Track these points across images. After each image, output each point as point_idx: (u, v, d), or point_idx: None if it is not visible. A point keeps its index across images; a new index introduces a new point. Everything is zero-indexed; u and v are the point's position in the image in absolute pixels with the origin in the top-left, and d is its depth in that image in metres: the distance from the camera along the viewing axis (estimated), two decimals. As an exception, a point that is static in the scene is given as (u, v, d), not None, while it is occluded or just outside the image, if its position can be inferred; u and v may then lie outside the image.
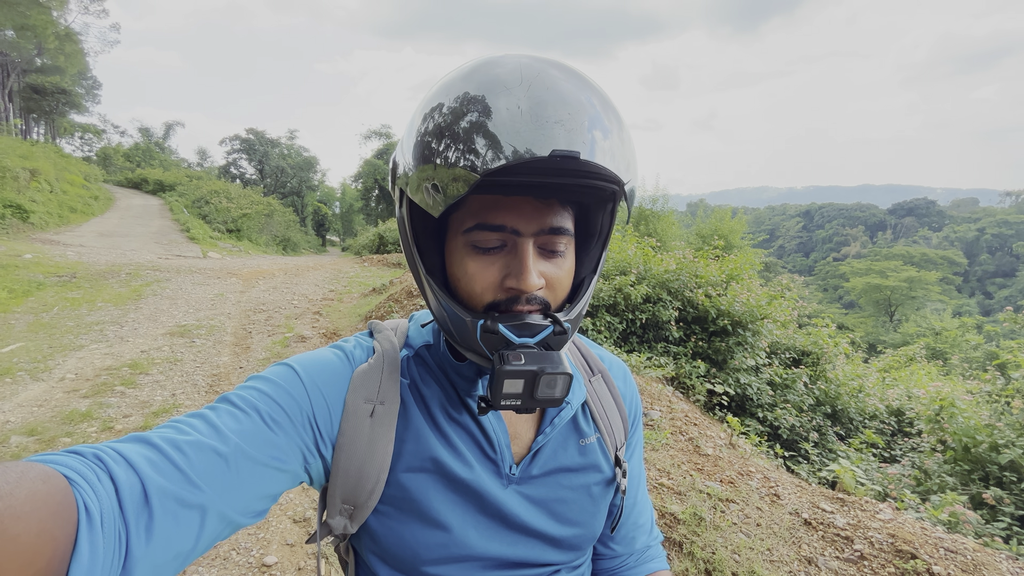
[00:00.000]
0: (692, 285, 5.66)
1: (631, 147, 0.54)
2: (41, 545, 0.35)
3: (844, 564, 2.16)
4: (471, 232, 0.55)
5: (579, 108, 0.49)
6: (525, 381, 0.52)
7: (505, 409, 0.53)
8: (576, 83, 0.51)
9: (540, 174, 0.48)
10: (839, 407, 5.51)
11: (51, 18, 27.38)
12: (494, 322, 0.54)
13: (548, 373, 0.52)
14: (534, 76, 0.49)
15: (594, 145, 0.48)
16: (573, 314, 0.58)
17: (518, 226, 0.54)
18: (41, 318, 6.03)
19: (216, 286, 8.81)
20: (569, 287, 0.60)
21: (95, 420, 3.64)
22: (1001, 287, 74.39)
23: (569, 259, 0.59)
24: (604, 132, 0.50)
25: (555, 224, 0.56)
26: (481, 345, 0.55)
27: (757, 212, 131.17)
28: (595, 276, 0.63)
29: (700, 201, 38.46)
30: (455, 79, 0.52)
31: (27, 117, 32.16)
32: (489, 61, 0.52)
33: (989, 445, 3.48)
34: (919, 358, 10.65)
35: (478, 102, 0.48)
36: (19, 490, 0.35)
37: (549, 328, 0.55)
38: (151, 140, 44.67)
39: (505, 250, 0.56)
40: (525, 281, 0.53)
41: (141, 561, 0.42)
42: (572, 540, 0.67)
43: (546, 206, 0.55)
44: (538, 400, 0.53)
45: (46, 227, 14.13)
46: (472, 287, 0.56)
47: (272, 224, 25.20)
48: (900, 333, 28.26)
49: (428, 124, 0.51)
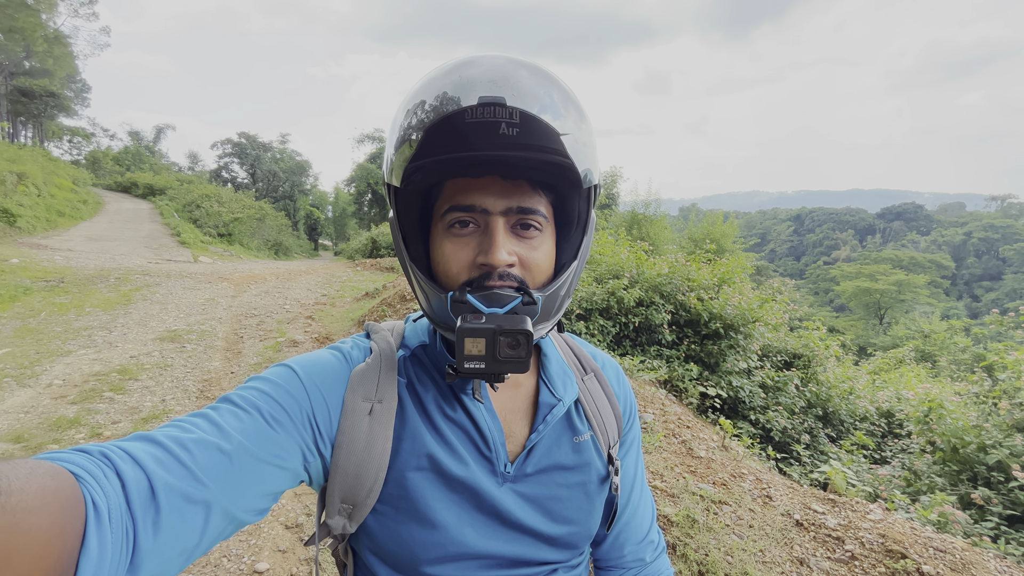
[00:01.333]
0: (684, 289, 5.70)
1: (589, 134, 0.58)
2: (52, 539, 0.35)
3: (835, 564, 2.18)
4: (446, 215, 0.59)
5: (523, 82, 0.53)
6: (486, 341, 0.53)
7: (470, 374, 0.54)
8: (538, 79, 0.55)
9: (493, 146, 0.52)
10: (830, 409, 5.56)
11: (40, 21, 27.17)
12: (463, 293, 0.57)
13: (507, 330, 0.53)
14: (496, 68, 0.54)
15: (530, 103, 0.52)
16: (549, 291, 0.60)
17: (486, 204, 0.57)
18: (28, 323, 5.95)
19: (207, 291, 8.74)
20: (548, 271, 0.62)
21: (83, 426, 3.60)
22: (988, 290, 75.47)
23: (547, 242, 0.61)
24: (552, 109, 0.54)
25: (523, 204, 0.58)
26: (451, 316, 0.57)
27: (748, 216, 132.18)
28: (576, 261, 0.64)
29: (692, 205, 38.72)
30: (431, 77, 0.57)
31: (15, 120, 31.79)
32: (466, 61, 0.57)
33: (977, 446, 3.53)
34: (908, 360, 10.77)
35: (441, 95, 0.54)
36: (30, 485, 0.35)
37: (518, 299, 0.57)
38: (141, 144, 44.32)
39: (478, 231, 0.59)
40: (494, 255, 0.56)
41: (149, 555, 0.42)
42: (567, 538, 0.68)
43: (514, 186, 0.58)
44: (501, 362, 0.53)
45: (33, 231, 13.96)
46: (449, 267, 0.59)
47: (264, 228, 25.06)
48: (890, 336, 28.56)
49: (400, 114, 0.57)
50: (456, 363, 0.54)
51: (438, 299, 0.59)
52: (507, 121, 0.51)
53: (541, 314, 0.60)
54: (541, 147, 0.53)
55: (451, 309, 0.57)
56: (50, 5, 27.96)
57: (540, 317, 0.60)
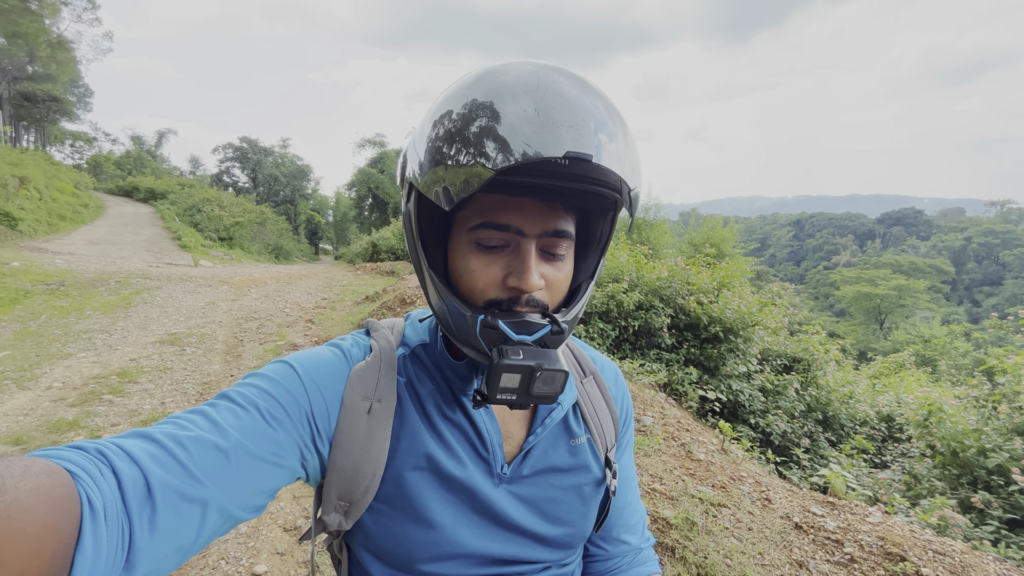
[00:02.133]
0: (684, 292, 5.70)
1: (635, 151, 0.55)
2: (46, 537, 0.35)
3: (834, 567, 2.17)
4: (476, 230, 0.56)
5: (586, 112, 0.50)
6: (522, 376, 0.53)
7: (500, 403, 0.54)
8: (581, 88, 0.52)
9: (549, 176, 0.49)
10: (830, 413, 5.55)
11: (43, 26, 27.32)
12: (494, 318, 0.55)
13: (546, 369, 0.53)
14: (539, 81, 0.50)
15: (601, 149, 0.49)
16: (570, 316, 0.59)
17: (523, 227, 0.55)
18: (28, 326, 5.95)
19: (207, 294, 8.74)
20: (567, 290, 0.61)
21: (82, 429, 3.59)
22: (988, 295, 75.37)
23: (569, 263, 0.60)
24: (610, 136, 0.51)
25: (558, 227, 0.57)
26: (480, 340, 0.56)
27: (748, 221, 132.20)
28: (592, 281, 0.64)
29: (692, 210, 38.77)
30: (462, 87, 0.53)
31: (17, 124, 31.93)
32: (494, 69, 0.53)
33: (977, 450, 3.52)
34: (908, 365, 10.75)
35: (487, 107, 0.49)
36: (23, 484, 0.35)
37: (547, 327, 0.56)
38: (143, 148, 44.52)
39: (508, 250, 0.57)
40: (527, 281, 0.54)
41: (145, 553, 0.42)
42: (562, 539, 0.68)
43: (551, 209, 0.56)
44: (533, 396, 0.54)
45: (35, 235, 13.99)
46: (474, 283, 0.57)
47: (264, 232, 25.09)
48: (890, 340, 28.51)
49: (439, 129, 0.52)
50: (488, 393, 0.53)
51: (461, 316, 0.57)
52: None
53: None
54: (599, 181, 0.51)
55: (480, 334, 0.55)
56: (53, 10, 28.14)
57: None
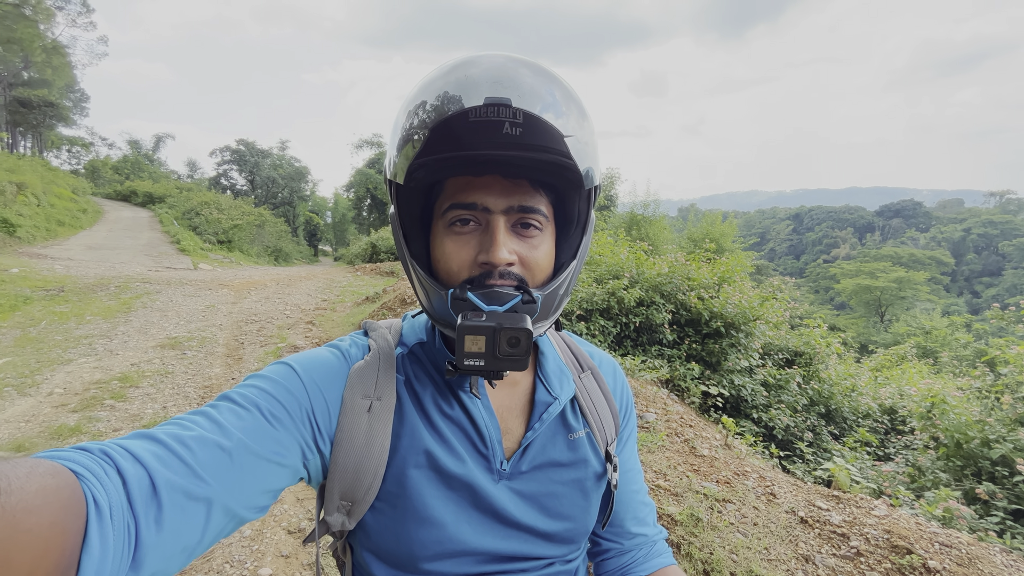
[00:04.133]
0: (685, 288, 5.69)
1: (590, 134, 0.58)
2: (53, 538, 0.35)
3: (841, 561, 2.17)
4: (447, 213, 0.59)
5: (526, 82, 0.53)
6: (487, 339, 0.53)
7: (470, 371, 0.54)
8: (540, 78, 0.55)
9: (497, 146, 0.52)
10: (833, 407, 5.55)
11: (38, 31, 27.28)
12: (463, 290, 0.57)
13: (507, 327, 0.53)
14: (498, 67, 0.54)
15: (534, 103, 0.52)
16: (548, 290, 0.60)
17: (487, 203, 0.58)
18: (28, 332, 5.94)
19: (207, 297, 8.74)
20: (548, 270, 0.62)
21: (84, 435, 3.59)
22: (988, 286, 75.40)
23: (547, 242, 0.62)
24: (557, 112, 0.54)
25: (524, 203, 0.58)
26: (452, 313, 0.57)
27: (747, 216, 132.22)
28: (575, 261, 0.64)
29: (691, 206, 38.75)
30: (432, 77, 0.57)
31: (13, 131, 31.87)
32: (466, 60, 0.57)
33: (980, 441, 3.52)
34: (910, 357, 10.76)
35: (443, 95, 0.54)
36: (30, 485, 0.35)
37: (517, 297, 0.57)
38: (140, 152, 44.40)
39: (480, 230, 0.59)
40: (495, 254, 0.56)
41: (151, 552, 0.42)
42: (564, 534, 0.68)
43: (514, 185, 0.58)
44: (501, 359, 0.54)
45: (33, 241, 13.97)
46: (449, 265, 0.59)
47: (263, 235, 25.08)
48: (891, 333, 28.54)
49: (402, 115, 0.58)
50: (456, 360, 0.54)
51: (438, 296, 0.59)
52: (511, 121, 0.52)
53: (540, 313, 0.60)
54: (543, 147, 0.53)
55: (452, 307, 0.57)
56: (48, 15, 28.08)
57: (539, 316, 0.60)
